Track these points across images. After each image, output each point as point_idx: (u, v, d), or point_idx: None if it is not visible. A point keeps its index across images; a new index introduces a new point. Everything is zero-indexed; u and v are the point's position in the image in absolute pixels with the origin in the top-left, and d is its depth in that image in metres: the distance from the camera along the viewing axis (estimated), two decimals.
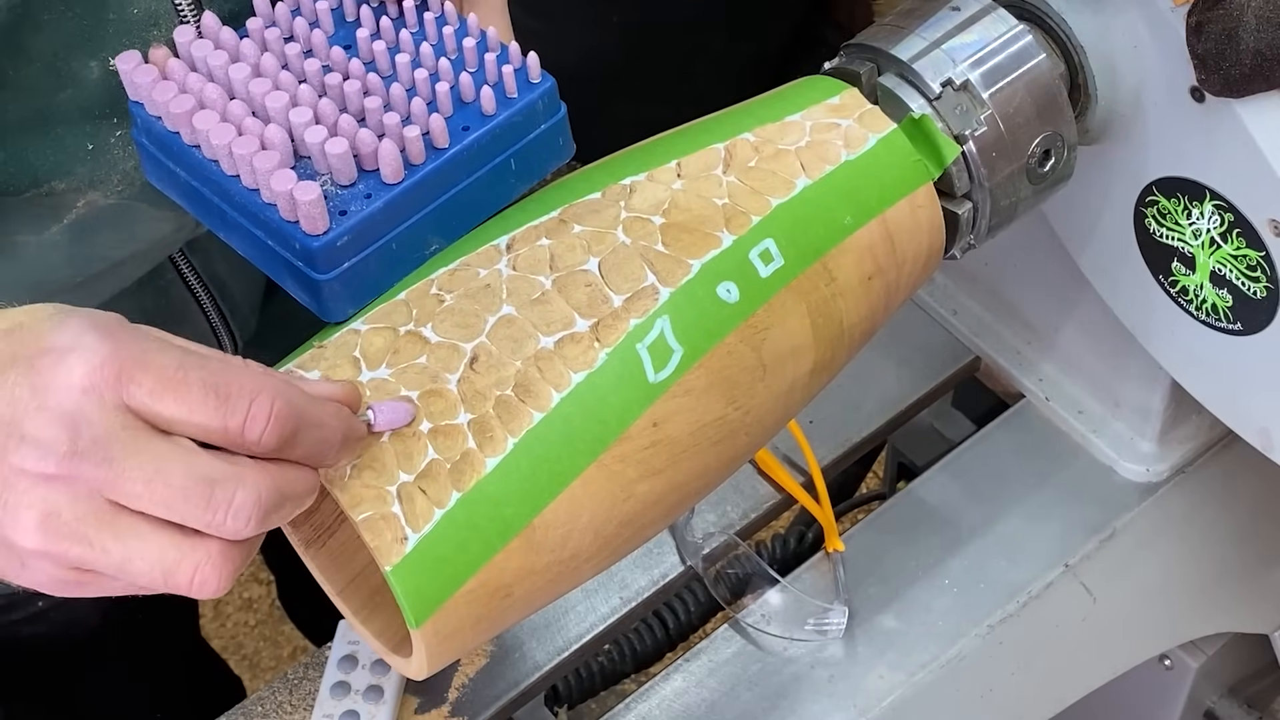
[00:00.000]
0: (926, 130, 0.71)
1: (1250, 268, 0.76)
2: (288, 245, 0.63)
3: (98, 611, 1.06)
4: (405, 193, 0.63)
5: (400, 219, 0.64)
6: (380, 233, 0.63)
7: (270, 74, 0.65)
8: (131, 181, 0.72)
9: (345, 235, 0.62)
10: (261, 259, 0.65)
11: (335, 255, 0.62)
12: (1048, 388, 0.98)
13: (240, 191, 0.63)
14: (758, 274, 0.66)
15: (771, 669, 0.88)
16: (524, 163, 0.67)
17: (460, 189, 0.65)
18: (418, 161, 0.64)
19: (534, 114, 0.66)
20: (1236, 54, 0.69)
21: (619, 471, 0.63)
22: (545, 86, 0.66)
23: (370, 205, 0.62)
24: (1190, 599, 1.04)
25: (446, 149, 0.64)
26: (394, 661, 0.67)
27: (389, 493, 0.60)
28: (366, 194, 0.63)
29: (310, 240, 0.62)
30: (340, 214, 0.62)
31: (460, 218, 0.66)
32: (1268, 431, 0.81)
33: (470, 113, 0.65)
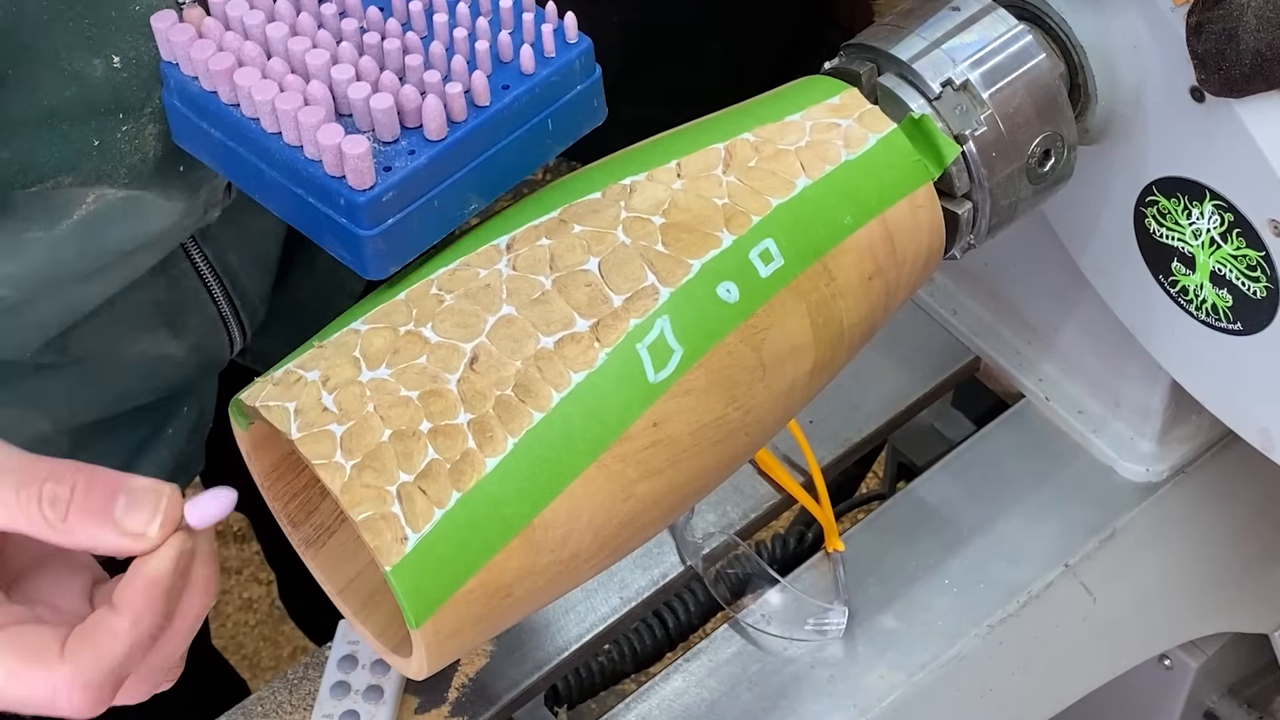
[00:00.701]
0: (926, 130, 0.71)
1: (1250, 268, 0.76)
2: (332, 201, 0.62)
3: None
4: (448, 149, 0.63)
5: (443, 176, 0.64)
6: (424, 189, 0.63)
7: (308, 32, 0.65)
8: (139, 174, 0.72)
9: (391, 190, 0.62)
10: (300, 218, 0.65)
11: (380, 211, 0.62)
12: (1048, 388, 0.98)
13: (281, 149, 0.63)
14: (758, 274, 0.66)
15: (771, 669, 0.88)
16: (560, 123, 0.67)
17: (500, 148, 0.65)
18: (460, 119, 0.63)
19: (571, 74, 0.66)
20: (1236, 54, 0.69)
21: (619, 471, 0.63)
22: (583, 46, 0.66)
23: (414, 161, 0.62)
24: (1190, 599, 1.04)
25: (488, 107, 0.64)
26: (394, 661, 0.67)
27: (389, 493, 0.60)
28: (410, 150, 0.63)
29: (356, 195, 0.62)
30: (385, 170, 0.62)
31: (499, 176, 0.66)
32: (1268, 431, 0.81)
33: (509, 72, 0.65)
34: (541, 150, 0.67)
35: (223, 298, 0.91)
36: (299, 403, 0.61)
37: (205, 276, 0.89)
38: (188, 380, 0.94)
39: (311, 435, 0.61)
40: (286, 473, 0.69)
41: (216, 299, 0.91)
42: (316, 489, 0.69)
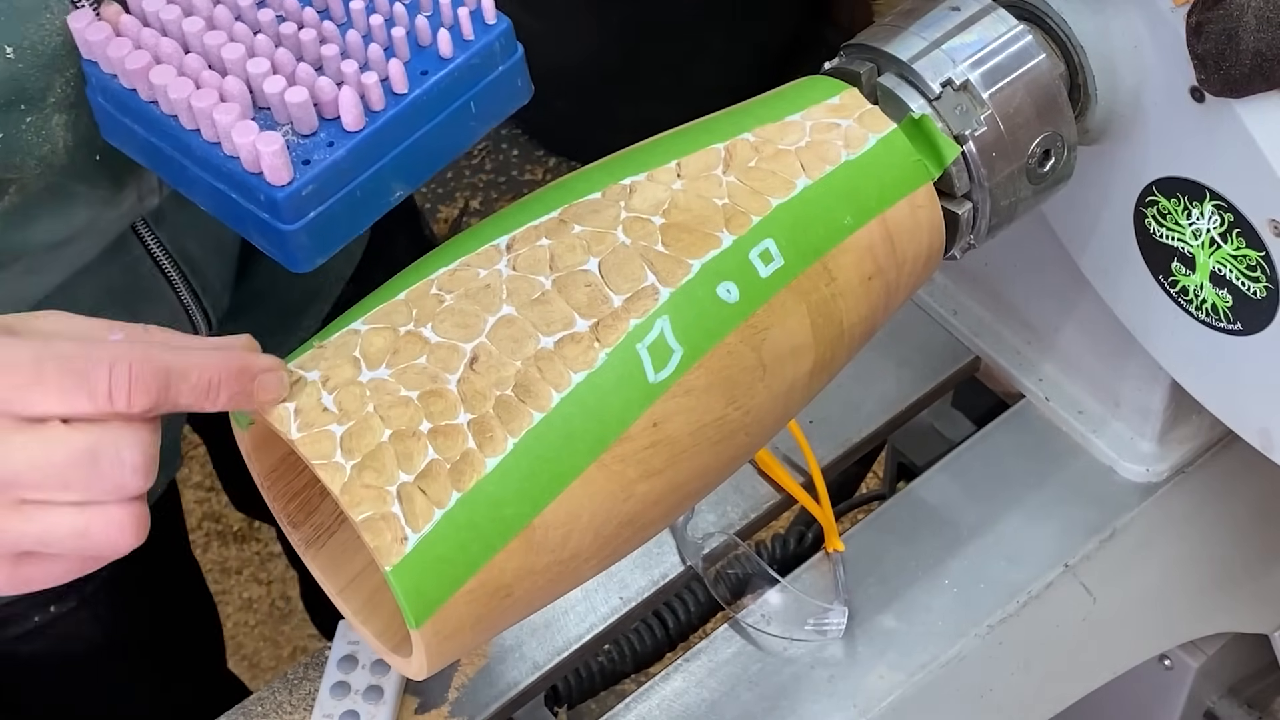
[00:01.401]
0: (926, 130, 0.71)
1: (1250, 268, 0.76)
2: (252, 198, 0.62)
3: (99, 628, 1.05)
4: (367, 139, 0.63)
5: (363, 166, 0.63)
6: (344, 180, 0.63)
7: (224, 26, 0.65)
8: (50, 165, 0.72)
9: (310, 184, 0.62)
10: (225, 213, 0.64)
11: (301, 205, 0.62)
12: (1048, 388, 0.98)
13: (201, 146, 0.63)
14: (758, 274, 0.66)
15: (771, 669, 0.88)
16: (483, 105, 0.66)
17: (421, 134, 0.65)
18: (378, 108, 0.63)
19: (492, 55, 0.66)
20: (1236, 54, 0.69)
21: (619, 471, 0.63)
22: (502, 28, 0.66)
23: (333, 153, 0.62)
24: (1190, 599, 1.04)
25: (406, 94, 0.64)
26: (394, 661, 0.67)
27: (389, 493, 0.60)
28: (329, 142, 0.63)
29: (275, 191, 0.62)
30: (303, 163, 0.62)
31: (422, 162, 0.66)
32: (1268, 431, 0.81)
33: (428, 57, 0.64)
34: (466, 133, 0.66)
35: (183, 285, 0.90)
36: (299, 403, 0.61)
37: (162, 263, 0.88)
38: None
39: (311, 435, 0.61)
40: (286, 473, 0.69)
41: (176, 287, 0.90)
42: (316, 489, 0.69)
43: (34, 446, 0.56)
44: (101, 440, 0.56)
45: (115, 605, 1.05)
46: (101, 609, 1.04)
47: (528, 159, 2.29)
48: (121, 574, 1.02)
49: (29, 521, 0.57)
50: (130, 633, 1.09)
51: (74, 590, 1.01)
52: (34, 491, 0.56)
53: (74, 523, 0.57)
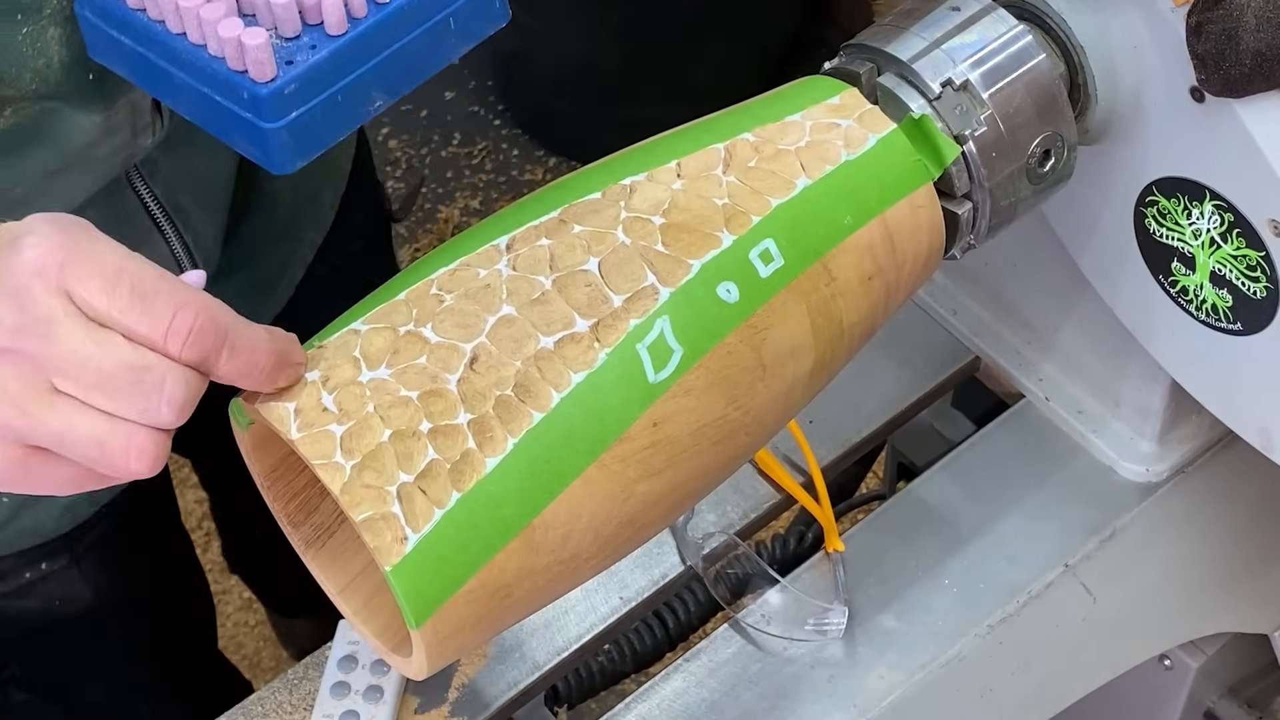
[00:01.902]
0: (926, 130, 0.71)
1: (1250, 268, 0.76)
2: (236, 97, 0.64)
3: (89, 589, 1.06)
4: (349, 44, 0.65)
5: (345, 71, 0.65)
6: (326, 84, 0.65)
7: None
8: (45, 79, 0.73)
9: (292, 83, 0.63)
10: (209, 119, 0.66)
11: (283, 103, 0.64)
12: (1048, 388, 0.98)
13: (187, 48, 0.65)
14: (758, 274, 0.66)
15: (771, 669, 0.88)
16: (462, 22, 0.68)
17: (401, 45, 0.66)
18: (360, 15, 0.65)
19: None
20: (1236, 54, 0.69)
21: (619, 471, 0.63)
22: None
23: (316, 55, 0.64)
24: (1190, 599, 1.04)
25: (388, 3, 0.65)
26: (394, 661, 0.67)
27: (389, 493, 0.60)
28: (311, 45, 0.64)
29: (259, 88, 0.63)
30: (287, 64, 0.64)
31: (402, 74, 0.67)
32: (1268, 431, 0.81)
33: None
34: (445, 49, 0.68)
35: (175, 237, 0.91)
36: (299, 403, 0.61)
37: (154, 214, 0.90)
38: None
39: (311, 435, 0.61)
40: (287, 473, 0.69)
41: (169, 238, 0.91)
42: (316, 489, 0.69)
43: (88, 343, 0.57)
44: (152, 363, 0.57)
45: (107, 566, 1.06)
46: (92, 569, 1.05)
47: (528, 159, 2.29)
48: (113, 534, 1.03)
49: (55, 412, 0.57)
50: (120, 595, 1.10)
51: (66, 548, 1.02)
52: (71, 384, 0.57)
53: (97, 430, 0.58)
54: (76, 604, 1.06)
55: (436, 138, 2.32)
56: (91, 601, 1.07)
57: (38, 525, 0.99)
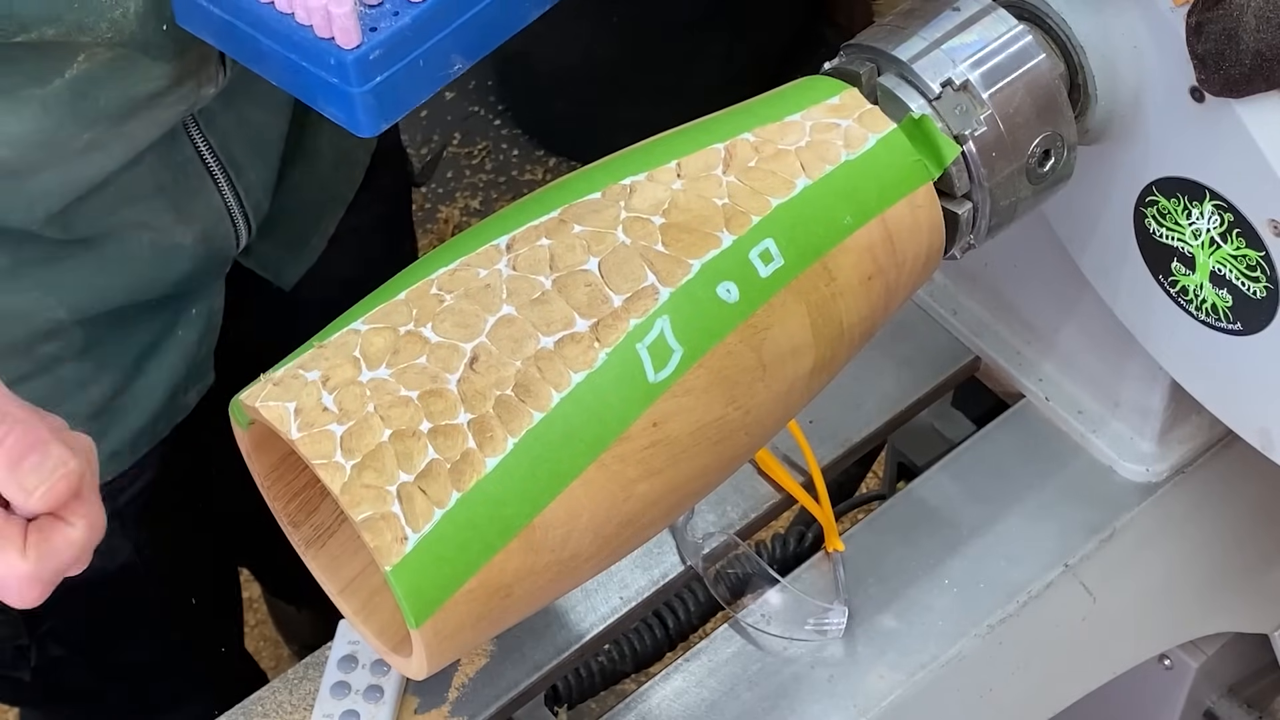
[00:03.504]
0: (926, 130, 0.71)
1: (1250, 268, 0.76)
2: (323, 63, 0.66)
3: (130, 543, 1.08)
4: (430, 10, 0.67)
5: (426, 36, 0.67)
6: (408, 49, 0.67)
7: None
8: (120, 29, 0.76)
9: (377, 49, 0.66)
10: (296, 83, 0.69)
11: (368, 68, 0.66)
12: (1048, 388, 0.98)
13: (274, 16, 0.67)
14: (758, 274, 0.66)
15: (771, 669, 0.88)
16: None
17: (479, 9, 0.68)
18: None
19: None
20: (1236, 54, 0.69)
21: (619, 471, 0.63)
22: None
23: (399, 21, 0.67)
24: (1190, 599, 1.04)
25: None
26: (394, 661, 0.67)
27: (389, 493, 0.60)
28: (394, 12, 0.67)
29: (345, 54, 0.66)
30: (371, 30, 0.66)
31: (480, 37, 0.69)
32: (1268, 431, 0.81)
33: None
34: (520, 12, 0.70)
35: (227, 187, 0.95)
36: (299, 403, 0.61)
37: (209, 164, 0.93)
38: (195, 274, 0.97)
39: (311, 435, 0.61)
40: (287, 473, 0.69)
41: (221, 188, 0.95)
42: (316, 489, 0.69)
43: None
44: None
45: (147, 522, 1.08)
46: (133, 524, 1.07)
47: (528, 159, 2.29)
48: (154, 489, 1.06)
49: None
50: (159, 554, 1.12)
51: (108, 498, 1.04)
52: None
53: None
54: (116, 559, 1.08)
55: (436, 138, 2.32)
56: (131, 557, 1.09)
57: None
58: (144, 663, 1.20)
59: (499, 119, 2.33)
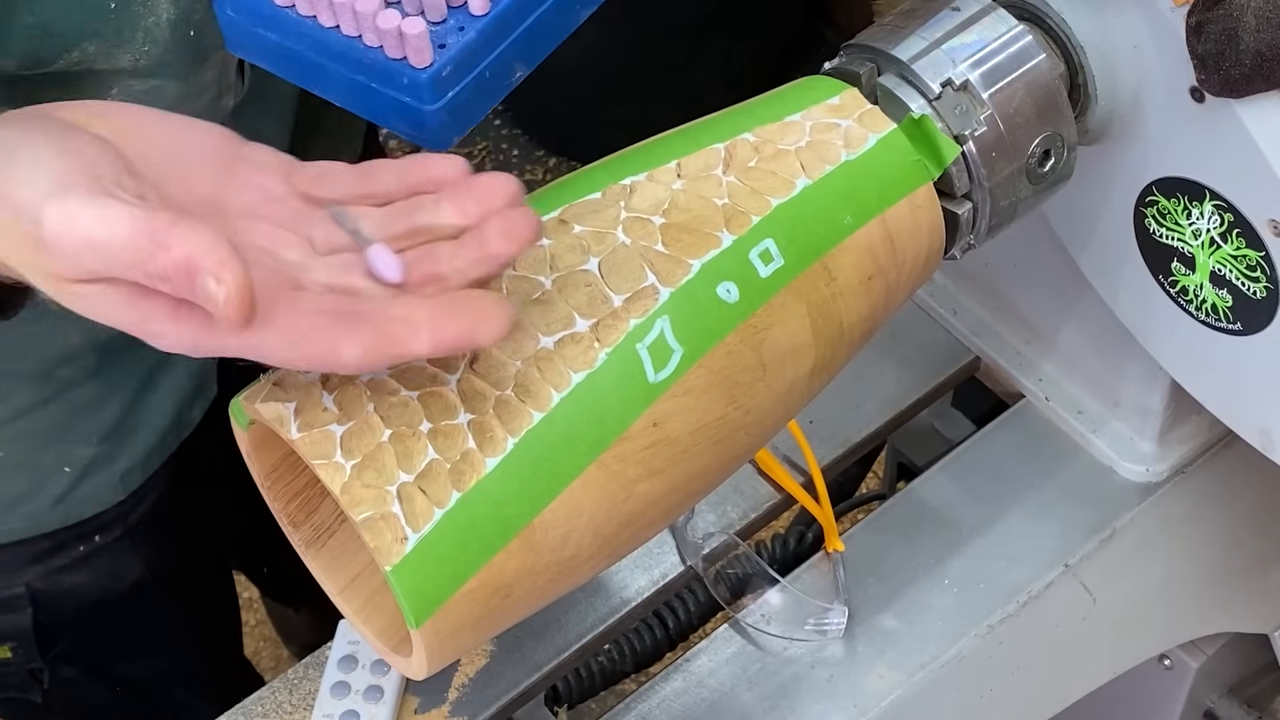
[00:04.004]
0: (926, 130, 0.71)
1: (1250, 268, 0.76)
2: (395, 83, 0.67)
3: (139, 563, 1.08)
4: (492, 22, 0.68)
5: (491, 48, 0.68)
6: (476, 61, 0.67)
7: None
8: (155, 40, 0.77)
9: (448, 65, 0.66)
10: (363, 105, 0.69)
11: (441, 85, 0.66)
12: (1048, 388, 0.98)
13: (340, 41, 0.68)
14: (758, 274, 0.66)
15: (771, 669, 0.88)
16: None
17: (537, 16, 0.69)
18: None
19: None
20: (1236, 54, 0.69)
21: (619, 471, 0.63)
22: None
23: (465, 36, 0.67)
24: (1190, 599, 1.05)
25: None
26: (394, 661, 0.67)
27: (389, 493, 0.60)
28: (459, 27, 0.67)
29: (419, 74, 0.66)
30: (440, 47, 0.67)
31: (539, 43, 0.70)
32: (1268, 431, 0.81)
33: None
34: (573, 15, 0.72)
35: None
36: (299, 403, 0.61)
37: None
38: None
39: (311, 435, 0.61)
40: (287, 473, 0.69)
41: None
42: (316, 489, 0.69)
43: None
44: None
45: (156, 539, 1.09)
46: (143, 542, 1.08)
47: (528, 159, 2.29)
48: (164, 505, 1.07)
49: None
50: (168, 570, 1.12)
51: (119, 519, 1.05)
52: None
53: None
54: (126, 578, 1.09)
55: None
56: (140, 577, 1.10)
57: (97, 495, 1.03)
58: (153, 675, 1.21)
59: (499, 119, 2.33)
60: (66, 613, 1.09)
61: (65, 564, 1.05)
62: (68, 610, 1.09)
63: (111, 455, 1.01)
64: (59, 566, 1.05)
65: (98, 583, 1.08)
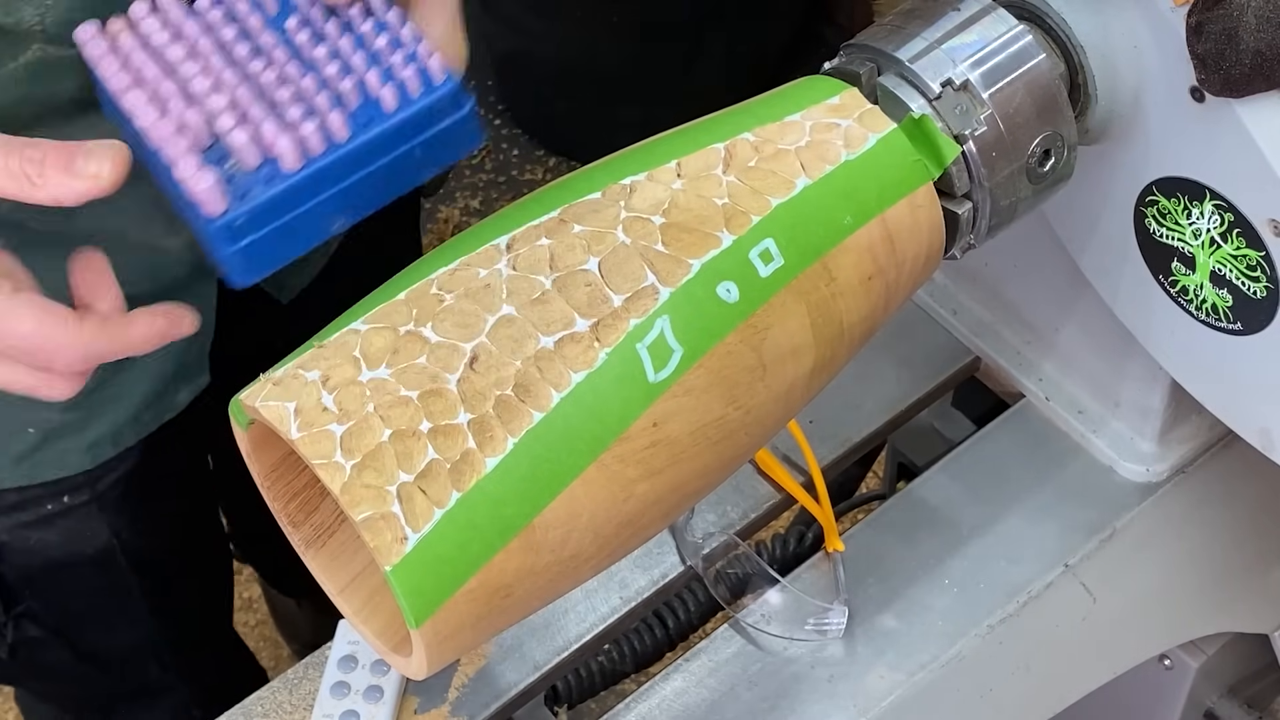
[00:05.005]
0: (926, 130, 0.71)
1: (1250, 268, 0.76)
2: (197, 218, 0.68)
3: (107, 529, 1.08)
4: (302, 180, 0.67)
5: (298, 203, 0.68)
6: (279, 213, 0.68)
7: (205, 54, 0.71)
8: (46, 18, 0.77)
9: (242, 216, 0.67)
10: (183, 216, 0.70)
11: (234, 233, 0.67)
12: (1048, 388, 0.98)
13: (161, 165, 0.69)
14: (758, 274, 0.66)
15: (771, 669, 0.88)
16: (430, 151, 0.70)
17: (360, 176, 0.69)
18: (316, 152, 0.67)
19: (435, 112, 0.69)
20: (1236, 54, 0.69)
21: (619, 471, 0.63)
22: (446, 89, 0.69)
23: (269, 190, 0.67)
24: (1190, 599, 1.05)
25: (344, 143, 0.68)
26: (394, 661, 0.67)
27: (389, 493, 0.60)
28: (268, 179, 0.67)
29: (208, 221, 0.67)
30: (241, 197, 0.67)
31: (364, 198, 0.70)
32: (1268, 431, 0.81)
33: (374, 107, 0.69)
34: (411, 174, 0.70)
35: None
36: (299, 403, 0.61)
37: None
38: (185, 280, 0.97)
39: (311, 435, 0.61)
40: (287, 473, 0.69)
41: None
42: (316, 489, 0.69)
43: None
44: None
45: (125, 509, 1.08)
46: (111, 510, 1.07)
47: (528, 159, 2.29)
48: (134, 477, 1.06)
49: None
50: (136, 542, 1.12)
51: (88, 484, 1.05)
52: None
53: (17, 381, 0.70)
54: (93, 543, 1.09)
55: None
56: (108, 543, 1.09)
57: (62, 460, 1.02)
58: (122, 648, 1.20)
59: (499, 119, 2.33)
60: (33, 570, 1.09)
61: (32, 520, 1.04)
62: (34, 568, 1.08)
63: (81, 425, 1.01)
64: (26, 521, 1.05)
65: (65, 544, 1.07)
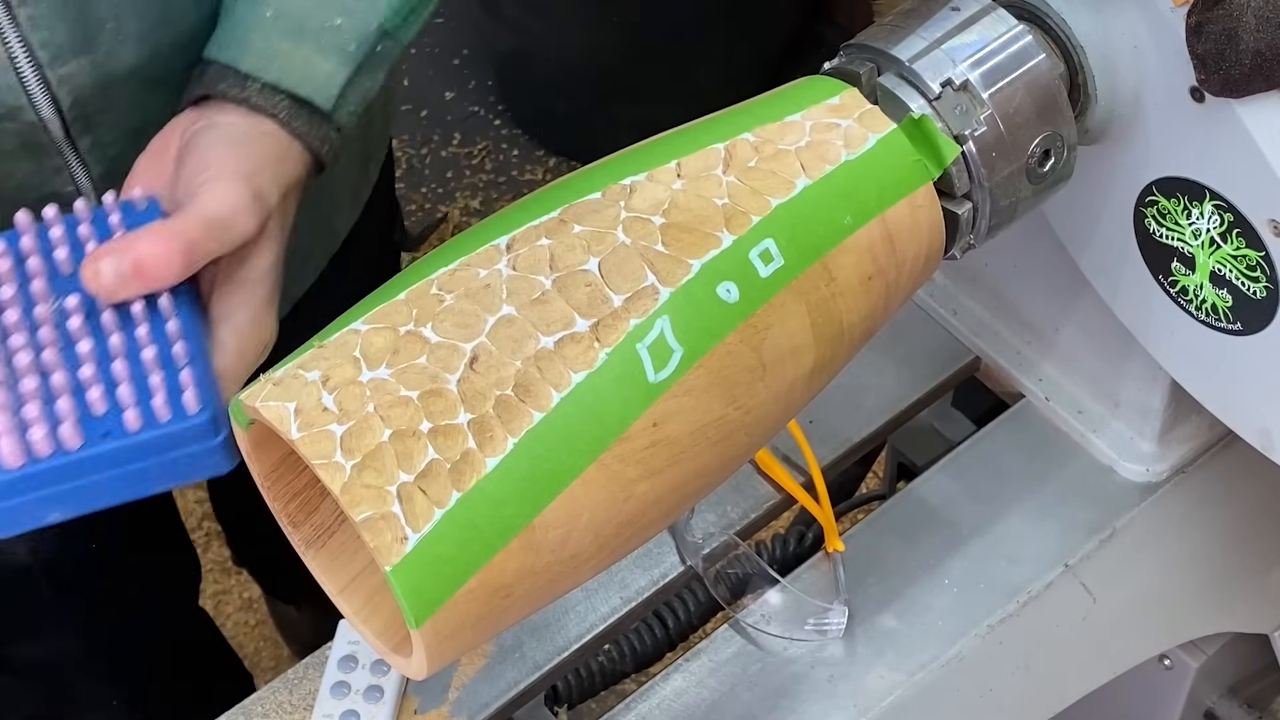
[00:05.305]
0: (926, 130, 0.71)
1: (1250, 268, 0.76)
2: None
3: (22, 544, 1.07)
4: (21, 478, 0.67)
5: (15, 495, 0.67)
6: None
7: None
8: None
9: None
10: None
11: None
12: (1048, 388, 0.98)
13: None
14: (758, 274, 0.66)
15: (771, 669, 0.88)
16: (167, 469, 0.69)
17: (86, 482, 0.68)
18: (43, 455, 0.67)
19: (181, 438, 0.69)
20: (1236, 54, 0.69)
21: (619, 471, 0.63)
22: (197, 421, 0.69)
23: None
24: (1190, 599, 1.05)
25: (73, 452, 0.67)
26: (394, 661, 0.67)
27: (389, 493, 0.60)
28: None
29: None
30: None
31: (85, 499, 0.69)
32: (1268, 431, 0.81)
33: (117, 419, 0.68)
34: (144, 485, 0.69)
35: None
36: (299, 403, 0.61)
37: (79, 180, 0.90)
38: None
39: (311, 435, 0.61)
40: (287, 473, 0.69)
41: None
42: (316, 489, 0.69)
43: None
44: None
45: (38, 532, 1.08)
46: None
47: (528, 159, 2.29)
48: None
49: None
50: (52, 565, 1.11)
51: None
52: None
53: None
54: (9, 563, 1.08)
55: (436, 138, 2.32)
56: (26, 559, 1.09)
57: None
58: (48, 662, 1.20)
59: (499, 119, 2.33)
60: None
61: None
62: None
63: None
64: None
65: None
